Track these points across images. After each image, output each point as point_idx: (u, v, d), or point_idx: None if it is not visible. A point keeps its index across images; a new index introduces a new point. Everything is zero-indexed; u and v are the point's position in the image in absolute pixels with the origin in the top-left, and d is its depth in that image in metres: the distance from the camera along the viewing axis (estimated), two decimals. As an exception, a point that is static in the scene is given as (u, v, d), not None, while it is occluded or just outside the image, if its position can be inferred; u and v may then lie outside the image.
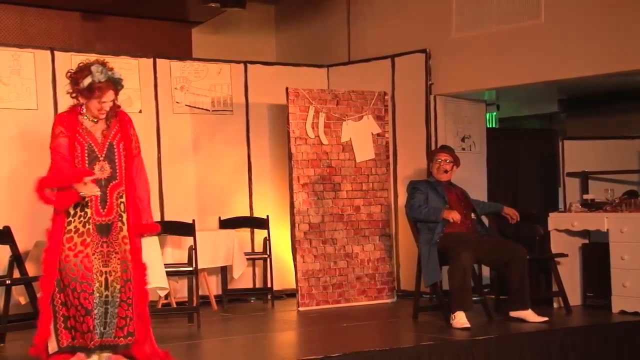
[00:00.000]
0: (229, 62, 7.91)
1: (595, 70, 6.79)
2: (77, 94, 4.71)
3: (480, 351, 5.33)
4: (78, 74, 4.70)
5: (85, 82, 4.65)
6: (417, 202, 6.33)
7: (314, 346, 5.53)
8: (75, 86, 4.70)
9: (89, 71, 4.67)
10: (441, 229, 6.19)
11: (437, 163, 6.47)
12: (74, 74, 4.72)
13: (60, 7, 8.12)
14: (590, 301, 6.75)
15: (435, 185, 6.41)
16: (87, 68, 4.69)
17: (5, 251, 5.70)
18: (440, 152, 6.58)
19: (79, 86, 4.68)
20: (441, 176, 6.44)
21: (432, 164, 6.55)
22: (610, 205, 6.56)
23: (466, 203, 6.46)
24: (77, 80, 4.69)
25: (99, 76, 4.68)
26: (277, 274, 7.62)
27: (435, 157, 6.54)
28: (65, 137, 4.67)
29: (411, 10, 7.97)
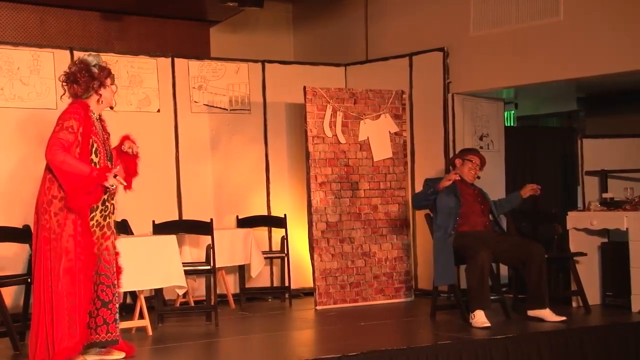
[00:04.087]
0: (247, 61, 7.93)
1: (614, 68, 6.74)
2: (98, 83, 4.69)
3: (499, 350, 5.31)
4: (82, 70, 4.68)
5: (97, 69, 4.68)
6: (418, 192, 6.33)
7: (332, 345, 5.53)
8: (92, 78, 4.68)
9: (86, 62, 4.69)
10: (453, 225, 6.15)
11: (470, 164, 6.33)
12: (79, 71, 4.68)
13: (80, 7, 8.18)
14: (609, 300, 6.71)
15: (452, 186, 6.26)
16: (82, 62, 4.69)
17: (24, 250, 5.74)
18: (473, 155, 6.42)
19: (94, 75, 4.67)
20: (469, 177, 6.33)
21: (463, 162, 6.38)
22: (630, 204, 6.52)
23: (483, 201, 6.41)
24: (91, 73, 4.68)
25: (95, 59, 4.71)
26: (295, 272, 7.63)
27: (468, 157, 6.40)
28: (73, 134, 4.61)
29: (429, 8, 7.95)
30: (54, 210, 4.57)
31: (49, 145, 4.58)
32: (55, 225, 4.56)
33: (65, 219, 4.56)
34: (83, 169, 4.56)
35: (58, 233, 4.56)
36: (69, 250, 4.57)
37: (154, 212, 7.10)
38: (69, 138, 4.59)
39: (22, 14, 7.98)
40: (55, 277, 4.56)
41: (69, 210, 4.56)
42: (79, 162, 4.58)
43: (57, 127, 4.62)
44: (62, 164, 4.55)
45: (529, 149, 8.97)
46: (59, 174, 4.55)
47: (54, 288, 4.56)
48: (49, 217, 4.57)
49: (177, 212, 7.39)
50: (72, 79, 4.73)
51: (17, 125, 6.75)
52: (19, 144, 6.75)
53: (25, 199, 6.68)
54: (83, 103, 4.73)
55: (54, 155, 4.54)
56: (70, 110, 4.68)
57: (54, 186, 4.60)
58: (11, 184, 6.68)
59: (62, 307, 4.56)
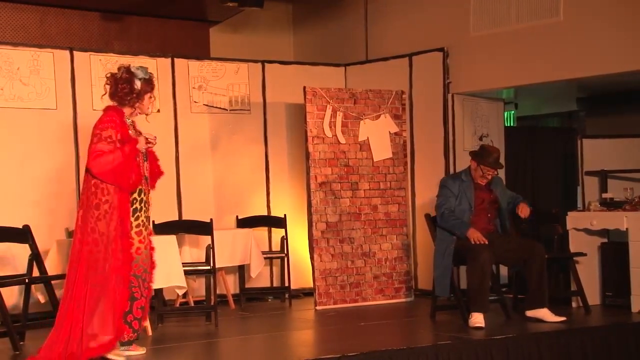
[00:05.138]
0: (247, 61, 7.93)
1: (614, 68, 6.74)
2: (135, 97, 4.87)
3: (499, 351, 5.31)
4: (125, 81, 4.85)
5: (139, 82, 4.85)
6: (448, 210, 6.12)
7: (332, 345, 5.53)
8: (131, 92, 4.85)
9: (131, 72, 4.87)
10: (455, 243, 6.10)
11: (482, 170, 6.15)
12: (122, 82, 4.86)
13: (80, 7, 8.17)
14: (609, 301, 6.71)
15: (466, 188, 6.19)
16: (127, 71, 4.88)
17: (24, 250, 5.74)
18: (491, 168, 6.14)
19: (134, 89, 4.85)
20: (480, 181, 6.21)
21: (477, 166, 6.19)
22: (630, 204, 6.52)
23: (492, 208, 6.27)
24: (132, 87, 4.85)
25: (143, 73, 4.89)
26: (295, 272, 7.63)
27: (484, 167, 6.14)
28: (112, 143, 4.78)
29: (429, 9, 7.95)
30: (102, 213, 4.77)
31: (90, 158, 4.78)
32: (104, 228, 4.76)
33: (111, 220, 4.76)
34: (117, 157, 4.75)
35: (106, 235, 4.76)
36: (116, 251, 4.76)
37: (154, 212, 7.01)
38: (109, 148, 4.78)
39: (22, 14, 7.97)
40: (100, 276, 4.74)
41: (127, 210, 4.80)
42: (111, 154, 4.75)
43: (95, 137, 4.80)
44: (104, 167, 4.74)
45: (529, 149, 8.97)
46: (106, 177, 4.76)
47: (97, 287, 4.73)
48: (97, 220, 4.76)
49: (177, 212, 7.40)
50: (114, 84, 4.92)
51: (17, 126, 6.75)
52: (18, 144, 6.75)
53: (25, 199, 6.70)
54: (118, 110, 4.91)
55: (96, 167, 4.76)
56: (107, 119, 4.83)
57: (98, 191, 4.79)
58: (11, 184, 6.68)
59: (104, 305, 4.73)
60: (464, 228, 6.04)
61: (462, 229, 6.05)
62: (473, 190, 6.20)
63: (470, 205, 6.17)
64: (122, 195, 4.81)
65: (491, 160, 6.14)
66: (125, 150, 4.78)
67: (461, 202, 6.17)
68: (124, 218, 4.80)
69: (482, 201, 6.22)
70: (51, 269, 6.02)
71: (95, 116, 6.96)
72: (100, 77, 7.13)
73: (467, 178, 6.25)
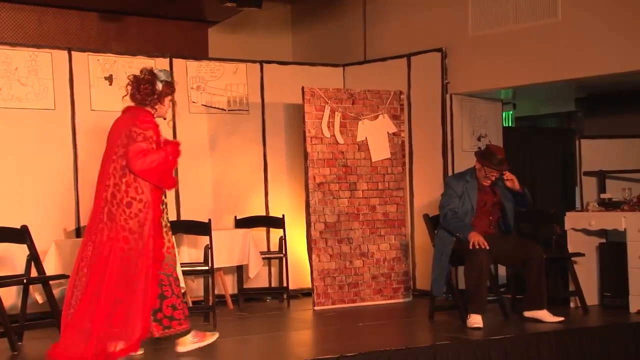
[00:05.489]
0: (245, 61, 7.93)
1: (613, 68, 6.75)
2: (157, 98, 4.94)
3: (498, 351, 5.31)
4: (147, 82, 4.92)
5: (160, 83, 4.93)
6: (451, 211, 6.08)
7: (330, 345, 5.53)
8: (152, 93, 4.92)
9: (154, 74, 4.95)
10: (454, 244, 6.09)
11: (485, 171, 6.11)
12: (144, 82, 4.92)
13: (78, 7, 8.17)
14: (607, 301, 6.71)
15: (470, 188, 6.15)
16: (149, 73, 4.95)
17: (23, 250, 5.73)
18: (495, 170, 6.09)
19: (155, 91, 4.92)
20: (484, 182, 6.16)
21: (481, 167, 6.14)
22: (628, 205, 6.52)
23: (495, 209, 6.23)
24: (154, 88, 4.91)
25: (165, 75, 4.97)
26: (293, 273, 7.62)
27: (487, 169, 6.10)
28: (152, 143, 4.87)
29: (427, 9, 7.95)
30: (134, 211, 4.80)
31: (133, 156, 4.81)
32: (135, 226, 4.79)
33: (145, 219, 4.80)
34: (161, 156, 4.85)
35: (139, 233, 4.79)
36: (148, 249, 4.80)
37: (152, 212, 7.10)
38: (150, 148, 4.86)
39: (21, 14, 7.97)
40: (132, 274, 4.76)
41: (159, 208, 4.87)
42: (156, 154, 4.85)
43: (138, 136, 4.83)
44: (149, 165, 4.81)
45: (527, 150, 8.97)
46: (150, 175, 4.82)
47: (130, 285, 4.76)
48: (128, 218, 4.78)
49: (176, 212, 7.39)
50: (136, 87, 4.97)
51: (15, 126, 6.74)
52: (16, 144, 6.75)
53: (23, 200, 6.69)
54: (147, 110, 4.98)
55: (141, 165, 4.80)
56: (147, 120, 4.90)
57: (130, 189, 4.82)
58: (9, 185, 6.68)
59: (134, 303, 4.75)
60: (466, 231, 6.02)
61: (464, 232, 6.03)
62: (476, 191, 6.16)
63: (472, 206, 6.14)
64: (156, 194, 4.87)
65: (495, 162, 6.09)
66: (167, 150, 4.89)
67: (464, 203, 6.14)
68: (156, 217, 4.84)
69: (485, 204, 6.19)
70: (49, 269, 6.02)
71: (93, 117, 7.07)
72: (98, 77, 7.16)
73: (472, 178, 6.21)
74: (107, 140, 5.02)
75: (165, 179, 4.88)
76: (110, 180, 4.84)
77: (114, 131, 4.99)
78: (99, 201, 4.88)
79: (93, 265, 4.79)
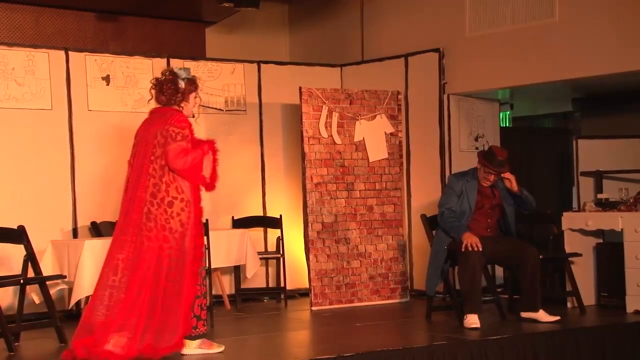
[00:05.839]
0: (243, 61, 7.93)
1: (609, 69, 6.76)
2: (181, 96, 4.99)
3: (494, 351, 5.31)
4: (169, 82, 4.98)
5: (182, 81, 4.98)
6: (448, 210, 6.08)
7: (327, 346, 5.53)
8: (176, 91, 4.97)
9: (174, 73, 5.01)
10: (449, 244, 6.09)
11: (489, 174, 6.07)
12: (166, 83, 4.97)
13: (75, 7, 8.16)
14: (604, 301, 6.72)
15: (470, 188, 6.13)
16: (170, 73, 5.01)
17: (19, 250, 5.72)
18: (495, 169, 6.04)
19: (179, 89, 4.97)
20: (484, 183, 6.14)
21: (481, 168, 6.13)
22: (625, 205, 6.53)
23: (493, 212, 6.20)
24: (177, 87, 4.97)
25: (186, 73, 5.02)
26: (290, 273, 7.62)
27: (487, 168, 6.06)
28: (189, 142, 4.92)
29: (425, 9, 7.96)
30: (176, 210, 4.85)
31: (175, 154, 4.85)
32: (177, 225, 4.84)
33: (187, 219, 4.86)
34: (199, 154, 4.92)
35: (181, 232, 4.84)
36: (189, 248, 4.86)
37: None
38: (188, 146, 4.92)
39: (17, 14, 7.96)
40: (177, 273, 4.83)
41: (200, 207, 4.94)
42: (194, 152, 4.90)
43: (177, 135, 4.88)
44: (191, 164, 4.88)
45: (525, 150, 8.98)
46: (189, 174, 4.87)
47: (172, 283, 4.82)
48: (169, 217, 4.83)
49: (173, 212, 7.37)
50: (159, 88, 5.02)
51: (12, 126, 6.73)
52: (13, 144, 6.74)
53: (20, 200, 6.68)
54: (178, 109, 5.02)
55: (183, 164, 4.86)
56: (182, 119, 4.95)
57: (171, 188, 4.87)
58: (6, 185, 6.67)
59: (179, 301, 4.82)
60: (461, 231, 6.02)
61: (458, 232, 6.03)
62: (476, 192, 6.15)
63: (470, 207, 6.13)
64: (196, 193, 4.94)
65: (495, 163, 6.06)
66: (205, 149, 4.95)
67: (462, 202, 6.14)
68: (197, 216, 4.91)
69: (483, 205, 6.18)
70: (46, 269, 6.02)
71: (90, 117, 7.08)
72: (95, 77, 7.15)
73: (473, 179, 6.19)
74: (136, 142, 5.05)
75: (205, 178, 4.94)
76: (150, 181, 4.87)
77: (145, 132, 5.00)
78: (135, 203, 4.88)
79: (135, 265, 4.83)
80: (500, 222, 6.28)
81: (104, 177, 7.09)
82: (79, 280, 5.76)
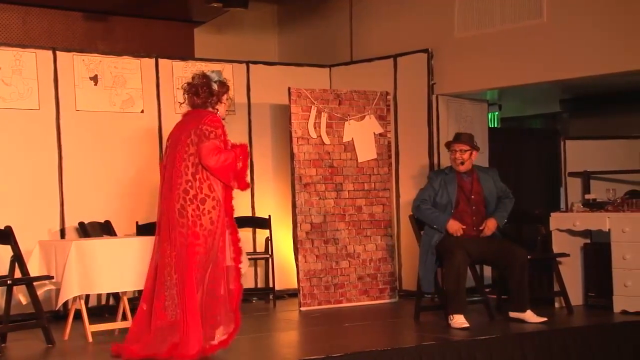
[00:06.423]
0: (232, 62, 7.91)
1: (597, 70, 6.78)
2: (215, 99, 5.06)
3: (482, 351, 5.32)
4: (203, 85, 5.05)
5: (217, 86, 5.07)
6: (423, 203, 6.16)
7: (316, 346, 5.53)
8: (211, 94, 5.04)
9: (207, 76, 5.08)
10: (439, 237, 6.12)
11: (453, 154, 6.21)
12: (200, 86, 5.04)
13: (63, 7, 8.12)
14: (591, 301, 6.74)
15: (448, 181, 6.20)
16: (203, 76, 5.09)
17: (6, 251, 5.69)
18: (455, 143, 6.25)
19: (213, 92, 5.05)
20: (458, 167, 6.20)
21: (450, 154, 6.28)
22: (612, 205, 6.55)
23: (478, 210, 6.23)
24: (211, 90, 5.04)
25: (217, 76, 5.10)
26: (279, 273, 7.62)
27: (451, 147, 6.26)
28: (223, 142, 4.97)
29: (413, 10, 7.97)
30: (208, 208, 4.90)
31: (208, 151, 4.90)
32: (207, 223, 4.89)
33: (218, 216, 4.91)
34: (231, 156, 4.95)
35: (209, 230, 4.90)
36: (221, 245, 4.96)
37: (137, 213, 7.08)
38: (221, 145, 4.97)
39: (4, 14, 7.91)
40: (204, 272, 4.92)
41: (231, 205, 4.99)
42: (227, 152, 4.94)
43: (210, 134, 4.94)
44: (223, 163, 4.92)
45: (513, 150, 9.00)
46: (220, 173, 4.92)
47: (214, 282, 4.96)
48: (201, 214, 4.89)
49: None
50: (194, 92, 5.09)
51: (-1, 126, 6.71)
52: (1, 145, 6.70)
53: (7, 200, 6.65)
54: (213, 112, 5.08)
55: (215, 162, 4.91)
56: (215, 120, 5.00)
57: (204, 186, 4.91)
58: (-7, 185, 6.64)
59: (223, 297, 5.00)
60: (442, 220, 6.06)
61: (440, 222, 6.07)
62: (455, 184, 6.20)
63: (450, 198, 6.16)
64: (227, 192, 4.99)
65: (454, 138, 6.25)
66: (237, 152, 4.99)
67: (442, 196, 6.18)
68: (228, 214, 4.98)
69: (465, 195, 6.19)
70: (33, 270, 5.98)
71: (78, 117, 7.05)
72: (83, 77, 7.12)
73: (450, 171, 6.28)
74: (169, 143, 5.12)
75: (238, 180, 4.98)
76: (183, 178, 4.93)
77: (180, 132, 5.07)
78: (169, 201, 4.97)
79: (177, 262, 4.92)
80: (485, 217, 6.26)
81: (92, 177, 7.07)
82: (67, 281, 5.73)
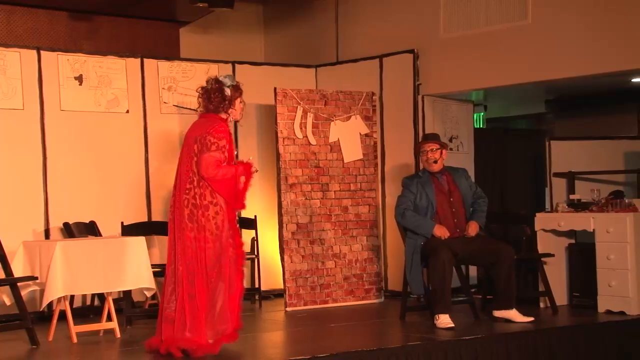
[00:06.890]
0: (217, 62, 7.89)
1: (582, 71, 6.82)
2: (228, 103, 5.13)
3: (468, 351, 5.34)
4: (216, 90, 5.12)
5: (229, 91, 5.13)
6: (407, 209, 6.16)
7: (302, 346, 5.53)
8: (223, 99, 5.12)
9: (220, 81, 5.14)
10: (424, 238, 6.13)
11: (425, 155, 6.26)
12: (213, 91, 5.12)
13: (47, 6, 8.08)
14: (576, 301, 6.78)
15: (424, 183, 6.23)
16: (216, 81, 5.15)
17: (-10, 252, 5.66)
18: (424, 143, 6.33)
19: (226, 97, 5.12)
20: (432, 167, 6.24)
21: (420, 156, 6.34)
22: (597, 206, 6.59)
23: (458, 212, 6.25)
24: (224, 95, 5.11)
25: (230, 80, 5.16)
26: (265, 274, 7.61)
27: (421, 148, 6.32)
28: (225, 153, 5.04)
29: (399, 10, 7.98)
30: (212, 214, 5.04)
31: (207, 164, 5.01)
32: (213, 228, 5.03)
33: (222, 221, 5.05)
34: (231, 172, 5.05)
35: (216, 234, 5.03)
36: (228, 248, 5.06)
37: (122, 213, 7.05)
38: (222, 157, 5.06)
39: (-12, 13, 7.88)
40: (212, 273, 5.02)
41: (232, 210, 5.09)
42: (227, 168, 5.04)
43: (212, 145, 5.03)
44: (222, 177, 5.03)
45: (499, 151, 9.04)
46: (216, 186, 5.03)
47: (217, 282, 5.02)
48: (206, 220, 5.03)
49: (147, 213, 7.34)
50: (207, 97, 5.19)
51: (-17, 126, 6.66)
52: (-16, 144, 6.67)
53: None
54: (223, 119, 5.16)
55: (213, 176, 5.01)
56: (222, 130, 5.09)
57: (207, 192, 5.04)
58: (-23, 185, 6.59)
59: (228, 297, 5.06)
60: (428, 226, 6.09)
61: (426, 227, 6.09)
62: (432, 185, 6.22)
63: (429, 199, 6.19)
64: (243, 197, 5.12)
65: (422, 138, 6.42)
66: (239, 170, 5.07)
67: (421, 198, 6.20)
68: (231, 220, 5.09)
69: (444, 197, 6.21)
70: (17, 270, 5.94)
71: (63, 117, 7.01)
72: (68, 77, 7.09)
73: (424, 173, 6.33)
74: (185, 141, 5.22)
75: (237, 198, 5.06)
76: (188, 184, 5.07)
77: (192, 134, 5.16)
78: (179, 203, 5.10)
79: (185, 262, 5.04)
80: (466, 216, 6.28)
81: (77, 177, 7.03)
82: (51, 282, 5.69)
